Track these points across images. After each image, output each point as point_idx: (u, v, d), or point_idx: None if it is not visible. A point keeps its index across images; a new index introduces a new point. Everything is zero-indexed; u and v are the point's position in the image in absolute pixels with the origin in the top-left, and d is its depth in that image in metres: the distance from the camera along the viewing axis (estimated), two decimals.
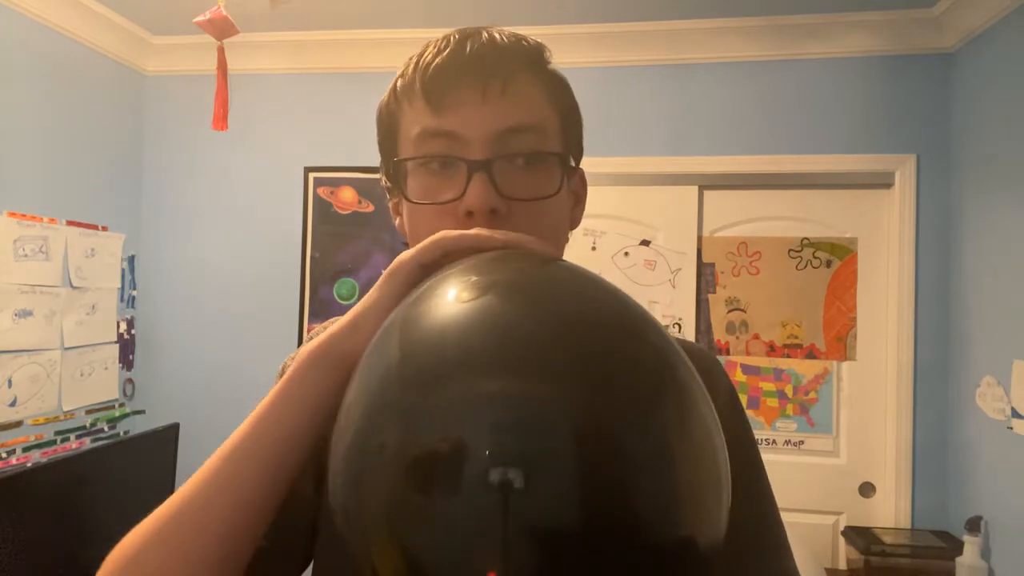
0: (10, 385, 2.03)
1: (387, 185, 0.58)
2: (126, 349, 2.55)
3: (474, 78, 0.50)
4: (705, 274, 2.37)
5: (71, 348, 2.25)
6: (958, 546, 1.89)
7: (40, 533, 1.55)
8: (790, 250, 2.33)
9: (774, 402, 2.31)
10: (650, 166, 2.34)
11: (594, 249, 2.39)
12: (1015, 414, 1.79)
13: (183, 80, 2.62)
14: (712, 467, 0.34)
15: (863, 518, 2.21)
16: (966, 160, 2.08)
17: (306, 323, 2.51)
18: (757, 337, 2.33)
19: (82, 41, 2.31)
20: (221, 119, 1.67)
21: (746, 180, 2.33)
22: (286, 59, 2.53)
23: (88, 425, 2.35)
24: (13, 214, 2.06)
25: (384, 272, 0.45)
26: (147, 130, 2.64)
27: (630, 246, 2.39)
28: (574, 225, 0.60)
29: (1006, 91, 1.89)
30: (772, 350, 2.32)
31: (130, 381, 2.58)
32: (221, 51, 1.65)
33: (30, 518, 1.53)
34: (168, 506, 0.42)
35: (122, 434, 2.49)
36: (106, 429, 2.44)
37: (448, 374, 0.32)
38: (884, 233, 2.26)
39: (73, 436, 2.28)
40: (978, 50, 2.03)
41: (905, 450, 2.15)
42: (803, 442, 2.29)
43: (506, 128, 0.50)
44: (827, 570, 2.11)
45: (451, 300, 0.35)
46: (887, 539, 1.98)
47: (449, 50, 0.51)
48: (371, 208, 2.49)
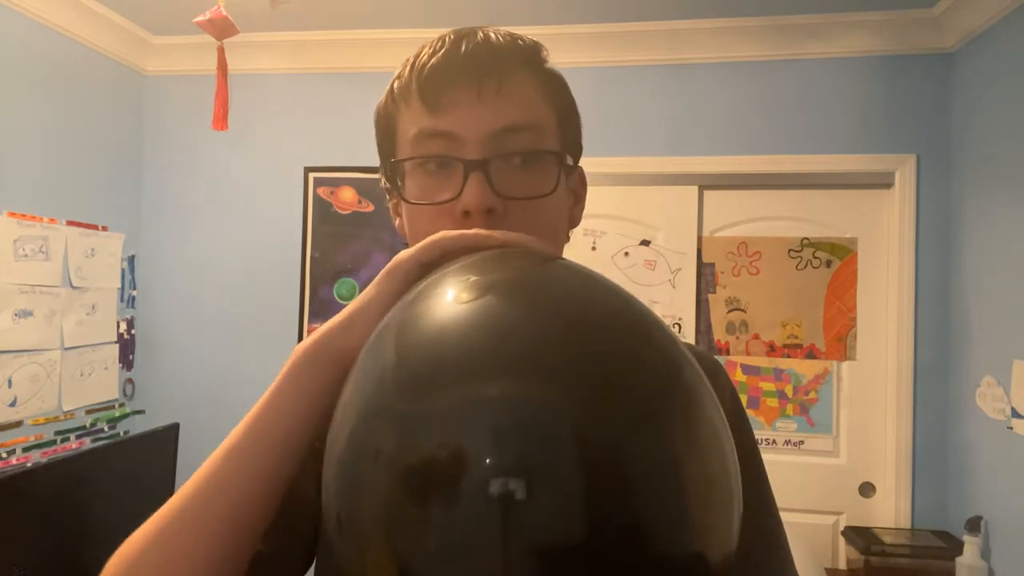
0: (10, 385, 2.03)
1: (386, 186, 0.58)
2: (126, 349, 2.55)
3: (469, 78, 0.50)
4: (705, 274, 2.37)
5: (71, 348, 2.25)
6: (958, 546, 1.89)
7: (40, 533, 1.55)
8: (790, 250, 2.33)
9: (774, 402, 2.31)
10: (650, 166, 2.34)
11: (594, 249, 2.39)
12: (1015, 414, 1.79)
13: (183, 80, 2.62)
14: (722, 475, 0.32)
15: (863, 518, 2.21)
16: (966, 160, 2.08)
17: (306, 323, 2.51)
18: (757, 337, 2.33)
19: (82, 41, 2.31)
20: (221, 119, 1.67)
21: (746, 180, 2.33)
22: (286, 59, 2.53)
23: (88, 425, 2.35)
24: (13, 214, 2.06)
25: (383, 270, 0.44)
26: (147, 130, 2.64)
27: (630, 246, 2.39)
28: (574, 224, 0.60)
29: (1006, 91, 1.89)
30: (772, 350, 2.32)
31: (130, 381, 2.58)
32: (221, 51, 1.65)
33: (30, 518, 1.53)
34: (168, 508, 0.43)
35: (122, 434, 2.49)
36: (106, 429, 2.44)
37: (446, 378, 0.31)
38: (884, 233, 2.26)
39: (73, 436, 2.28)
40: (978, 50, 2.03)
41: (905, 450, 2.15)
42: (803, 442, 2.29)
43: (502, 127, 0.50)
44: (827, 570, 2.11)
45: (449, 301, 0.34)
46: (887, 539, 1.98)
47: (444, 50, 0.51)
48: (371, 208, 2.49)
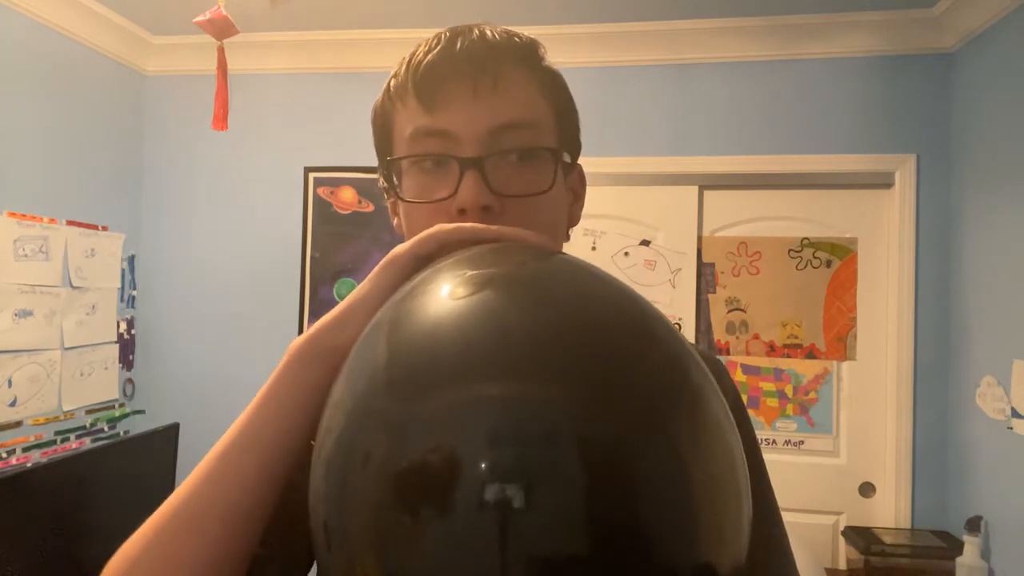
0: (10, 385, 2.03)
1: (384, 185, 0.58)
2: (126, 349, 2.55)
3: (465, 75, 0.50)
4: (705, 274, 2.37)
5: (71, 348, 2.25)
6: (958, 546, 1.89)
7: (40, 533, 1.55)
8: (790, 250, 2.32)
9: (774, 402, 2.31)
10: (650, 166, 2.34)
11: (594, 249, 2.39)
12: (1015, 414, 1.79)
13: (183, 80, 2.62)
14: (731, 480, 0.31)
15: (863, 518, 2.21)
16: (966, 160, 2.08)
17: (306, 323, 2.51)
18: (757, 337, 2.33)
19: (82, 41, 2.31)
20: (221, 119, 1.67)
21: (746, 180, 2.32)
22: (286, 59, 2.53)
23: (88, 425, 2.35)
24: (13, 214, 2.06)
25: (378, 264, 0.44)
26: (147, 130, 2.64)
27: (630, 246, 2.39)
28: (573, 223, 0.59)
29: (1006, 91, 1.89)
30: (772, 350, 2.32)
31: (130, 381, 2.58)
32: (221, 51, 1.65)
33: (30, 518, 1.53)
34: (164, 509, 0.42)
35: (122, 434, 2.49)
36: (106, 429, 2.44)
37: (439, 378, 0.29)
38: (884, 233, 2.26)
39: (73, 436, 2.28)
40: (978, 50, 2.03)
41: (905, 450, 2.15)
42: (803, 442, 2.29)
43: (498, 125, 0.50)
44: (827, 570, 2.11)
45: (444, 296, 0.33)
46: (887, 539, 1.98)
47: (440, 48, 0.51)
48: (371, 208, 2.49)
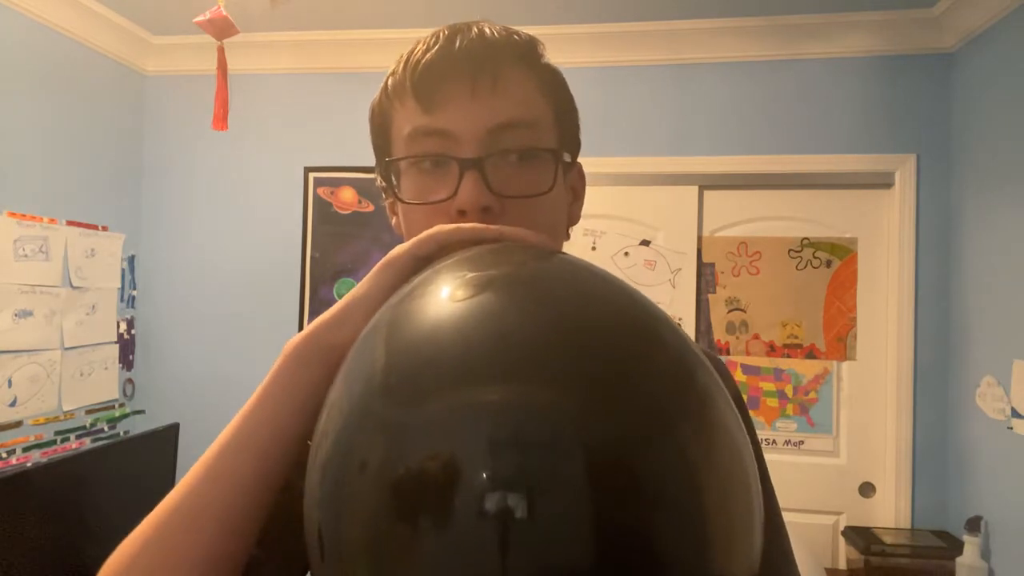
0: (10, 385, 2.03)
1: (382, 185, 0.58)
2: (126, 349, 2.55)
3: (463, 74, 0.49)
4: (705, 274, 2.37)
5: (71, 348, 2.25)
6: (958, 546, 1.89)
7: (40, 533, 1.55)
8: (790, 250, 2.32)
9: (774, 402, 2.31)
10: (650, 166, 2.34)
11: (594, 249, 2.39)
12: (1015, 414, 1.79)
13: (183, 80, 2.62)
14: (743, 486, 0.29)
15: (863, 518, 2.21)
16: (966, 160, 2.08)
17: (306, 323, 2.51)
18: (757, 337, 2.33)
19: (82, 41, 2.31)
20: (221, 119, 1.67)
21: (746, 180, 2.32)
22: (286, 59, 2.53)
23: (88, 425, 2.35)
24: (13, 214, 2.06)
25: (378, 263, 0.44)
26: (147, 130, 2.64)
27: (630, 246, 2.39)
28: (573, 222, 0.59)
29: (1006, 91, 1.89)
30: (772, 350, 2.32)
31: (130, 381, 2.58)
32: (221, 51, 1.65)
33: (30, 518, 1.53)
34: (161, 509, 0.42)
35: (122, 434, 2.49)
36: (106, 429, 2.44)
37: (439, 382, 0.28)
38: (884, 233, 2.26)
39: (73, 436, 2.28)
40: (978, 50, 2.03)
41: (905, 450, 2.15)
42: (803, 442, 2.29)
43: (497, 124, 0.49)
44: (827, 570, 2.11)
45: (444, 298, 0.32)
46: (887, 539, 1.98)
47: (438, 47, 0.50)
48: (371, 208, 2.49)
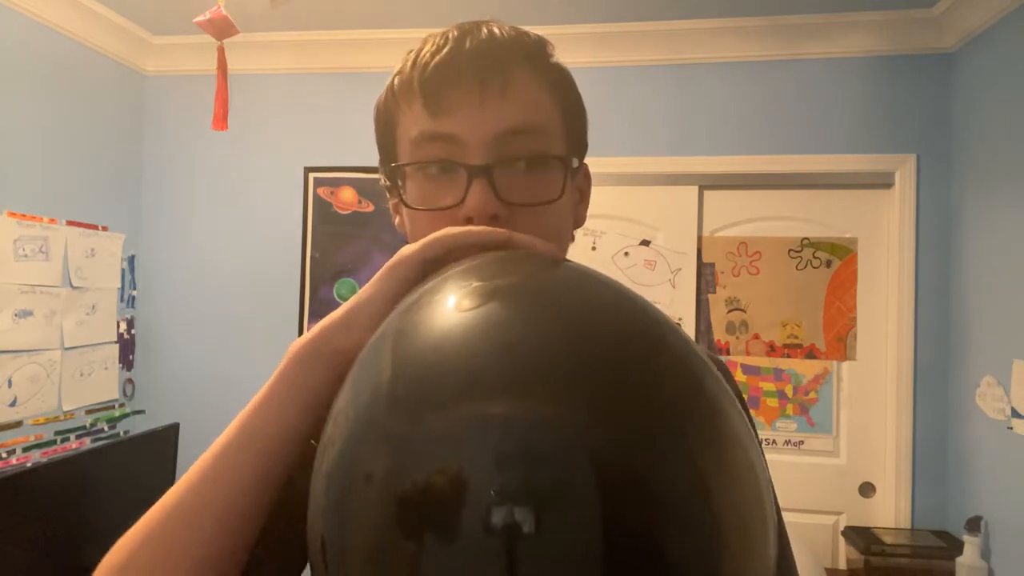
0: (10, 385, 2.03)
1: (386, 184, 0.57)
2: (126, 349, 2.55)
3: (472, 78, 0.48)
4: (705, 274, 2.37)
5: (71, 348, 2.25)
6: (958, 546, 1.89)
7: (40, 533, 1.55)
8: (790, 250, 2.32)
9: (774, 402, 2.31)
10: (651, 166, 2.34)
11: (594, 249, 2.39)
12: (1015, 414, 1.79)
13: (183, 80, 2.62)
14: (756, 497, 0.29)
15: (863, 518, 2.21)
16: (966, 160, 2.08)
17: (306, 323, 2.51)
18: (757, 337, 2.33)
19: (82, 41, 2.31)
20: (221, 119, 1.67)
21: (746, 180, 2.32)
22: (286, 59, 2.53)
23: (88, 425, 2.35)
24: (13, 214, 2.06)
25: (385, 265, 0.43)
26: (147, 130, 2.64)
27: (630, 246, 2.39)
28: (579, 223, 0.58)
29: (1006, 91, 1.89)
30: (772, 350, 2.32)
31: (130, 381, 2.58)
32: (221, 51, 1.65)
33: (30, 518, 1.53)
34: (158, 508, 0.42)
35: (122, 434, 2.49)
36: (106, 429, 2.44)
37: (446, 394, 0.28)
38: (884, 233, 2.26)
39: (73, 436, 2.28)
40: (978, 50, 2.03)
41: (905, 450, 2.15)
42: (803, 442, 2.29)
43: (506, 130, 0.48)
44: (827, 570, 2.11)
45: (450, 308, 0.32)
46: (887, 539, 1.98)
47: (448, 48, 0.49)
48: (371, 208, 2.49)
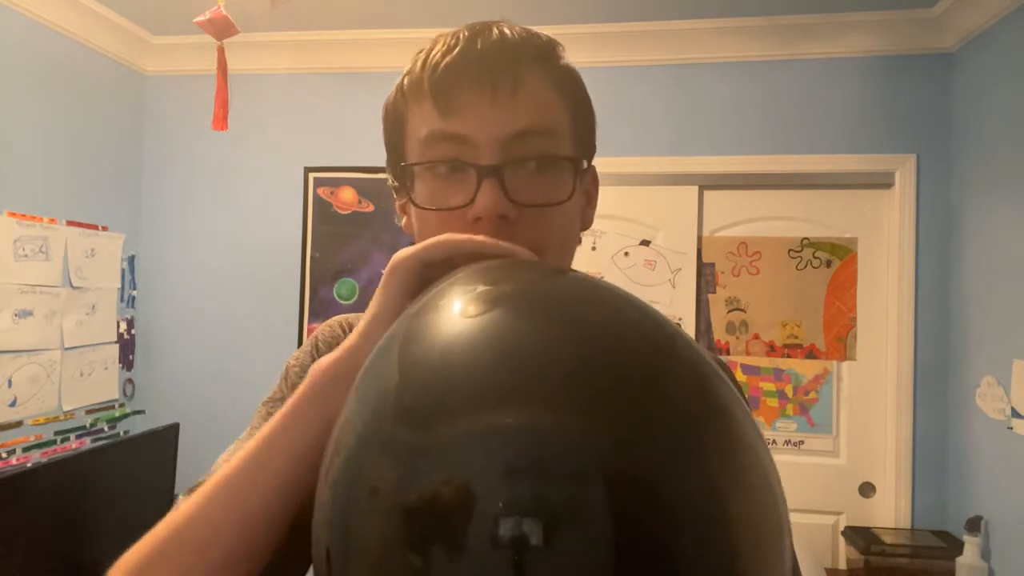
0: (10, 385, 2.03)
1: (394, 185, 0.57)
2: (126, 349, 2.55)
3: (483, 79, 0.48)
4: (705, 274, 2.37)
5: (71, 348, 2.25)
6: (958, 546, 1.89)
7: (40, 533, 1.55)
8: (790, 250, 2.32)
9: (774, 402, 2.31)
10: (651, 166, 2.34)
11: (594, 249, 2.39)
12: (1015, 414, 1.79)
13: (183, 80, 2.62)
14: (771, 508, 0.28)
15: (863, 518, 2.21)
16: (966, 160, 2.08)
17: (306, 323, 2.51)
18: (757, 337, 2.33)
19: (82, 41, 2.31)
20: (221, 119, 1.67)
21: (746, 180, 2.32)
22: (286, 59, 2.53)
23: (88, 425, 2.35)
24: (13, 214, 2.06)
25: (384, 273, 0.43)
26: (147, 130, 2.64)
27: (630, 246, 2.39)
28: (586, 226, 0.59)
29: (1006, 91, 1.89)
30: (772, 350, 2.32)
31: (130, 381, 2.58)
32: (221, 51, 1.65)
33: (30, 518, 1.53)
34: (172, 521, 0.41)
35: (122, 434, 2.49)
36: (106, 429, 2.44)
37: (454, 402, 0.27)
38: (884, 233, 2.26)
39: (73, 436, 2.28)
40: (978, 50, 2.03)
41: (905, 450, 2.15)
42: (803, 442, 2.29)
43: (516, 131, 0.49)
44: (827, 570, 2.11)
45: (456, 314, 0.31)
46: (887, 539, 1.98)
47: (459, 48, 0.49)
48: (371, 208, 2.49)
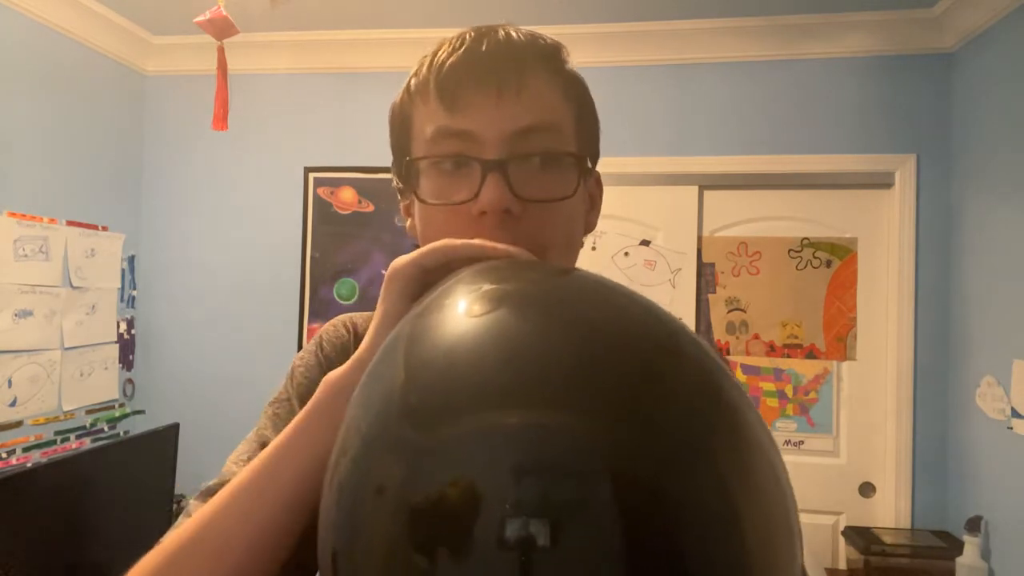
0: (10, 385, 2.03)
1: (399, 186, 0.57)
2: (126, 349, 2.55)
3: (489, 77, 0.49)
4: (705, 274, 2.37)
5: (71, 348, 2.25)
6: (958, 546, 1.89)
7: (40, 533, 1.55)
8: (790, 250, 2.32)
9: (774, 402, 2.31)
10: (651, 166, 2.34)
11: (594, 249, 2.39)
12: (1015, 414, 1.79)
13: (183, 80, 2.62)
14: (781, 507, 0.28)
15: (863, 518, 2.21)
16: (966, 160, 2.08)
17: (306, 323, 2.51)
18: (757, 337, 2.33)
19: (82, 41, 2.31)
20: (221, 119, 1.67)
21: (746, 180, 2.32)
22: (286, 59, 2.53)
23: (88, 425, 2.35)
24: (13, 214, 2.06)
25: (384, 281, 0.44)
26: (147, 130, 2.64)
27: (630, 246, 2.39)
28: (589, 229, 0.59)
29: (1006, 91, 1.89)
30: (772, 350, 2.32)
31: (130, 381, 2.58)
32: (221, 51, 1.65)
33: (30, 518, 1.53)
34: (185, 531, 0.41)
35: (122, 434, 2.49)
36: (106, 429, 2.44)
37: (460, 402, 0.27)
38: (884, 233, 2.26)
39: (73, 436, 2.28)
40: (978, 50, 2.03)
41: (905, 450, 2.15)
42: (803, 442, 2.29)
43: (521, 128, 0.49)
44: (827, 570, 2.11)
45: (460, 313, 0.31)
46: (887, 539, 1.98)
47: (464, 49, 0.50)
48: (371, 208, 2.49)
